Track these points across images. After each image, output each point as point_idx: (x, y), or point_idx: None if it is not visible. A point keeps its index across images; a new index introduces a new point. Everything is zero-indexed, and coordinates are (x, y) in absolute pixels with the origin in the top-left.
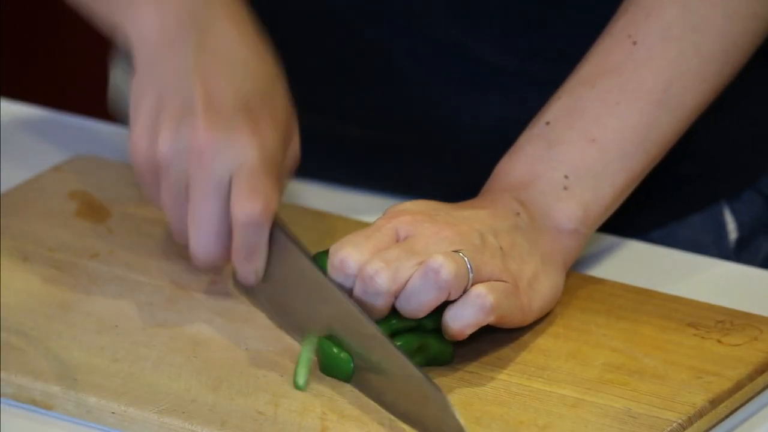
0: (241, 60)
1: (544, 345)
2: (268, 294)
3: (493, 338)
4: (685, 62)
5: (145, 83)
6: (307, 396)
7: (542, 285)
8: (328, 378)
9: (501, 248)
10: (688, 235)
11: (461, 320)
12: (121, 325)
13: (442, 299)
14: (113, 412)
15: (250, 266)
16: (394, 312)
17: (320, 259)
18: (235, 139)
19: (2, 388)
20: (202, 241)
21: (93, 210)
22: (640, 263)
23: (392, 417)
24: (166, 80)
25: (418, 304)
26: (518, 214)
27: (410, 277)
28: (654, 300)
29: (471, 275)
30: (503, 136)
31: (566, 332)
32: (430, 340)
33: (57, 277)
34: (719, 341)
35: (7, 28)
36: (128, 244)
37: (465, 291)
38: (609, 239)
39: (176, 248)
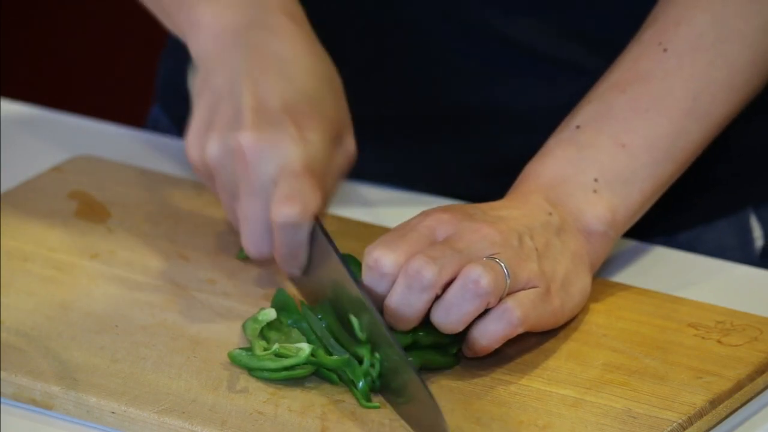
0: (292, 60)
1: (544, 345)
2: (310, 286)
3: None
4: (715, 72)
5: (202, 87)
6: (307, 396)
7: (574, 287)
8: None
9: (536, 249)
10: (714, 239)
11: (489, 336)
12: (121, 325)
13: (482, 309)
14: (113, 412)
15: (290, 263)
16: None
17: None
18: (279, 142)
19: (2, 388)
20: (250, 238)
21: (93, 210)
22: (640, 264)
23: (392, 417)
24: (220, 84)
25: (458, 315)
26: (550, 213)
27: (448, 289)
28: (654, 300)
29: (508, 281)
30: (534, 123)
31: (566, 332)
32: (431, 356)
33: (57, 277)
34: (719, 341)
35: (7, 28)
36: (128, 244)
37: (501, 299)
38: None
39: (176, 248)
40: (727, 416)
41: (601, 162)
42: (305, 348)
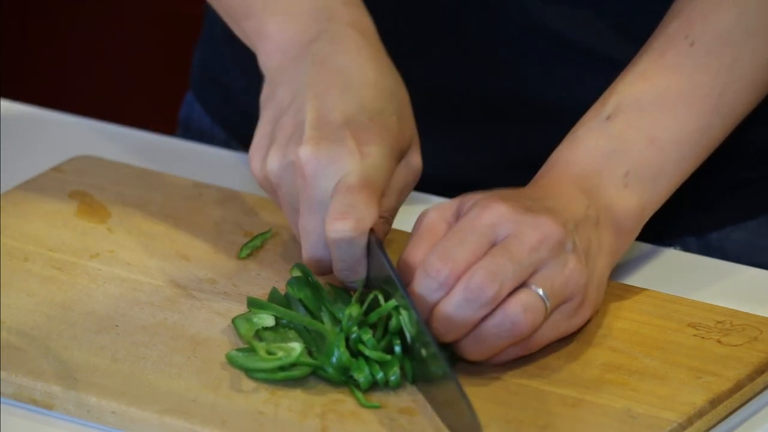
0: (357, 74)
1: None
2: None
3: None
4: (740, 69)
5: (268, 100)
6: (307, 396)
7: (603, 287)
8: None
9: (583, 250)
10: (745, 239)
11: (504, 356)
12: (121, 325)
13: (515, 343)
14: (113, 412)
15: (349, 278)
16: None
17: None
18: (337, 157)
19: (2, 388)
20: (310, 252)
21: (93, 210)
22: (640, 264)
23: (392, 417)
24: (284, 98)
25: (490, 349)
26: (588, 207)
27: (484, 322)
28: (654, 300)
29: (548, 306)
30: (568, 115)
31: None
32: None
33: (57, 277)
34: (719, 341)
35: (7, 28)
36: (128, 244)
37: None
38: None
39: (176, 248)
40: (726, 416)
41: (632, 156)
42: (297, 347)
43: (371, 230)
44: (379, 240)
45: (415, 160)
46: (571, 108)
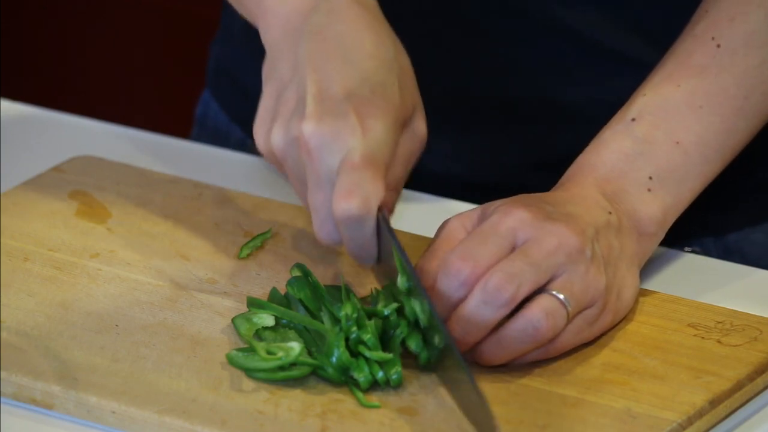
0: (355, 44)
1: None
2: (387, 275)
3: None
4: (766, 70)
5: (269, 74)
6: (307, 396)
7: (628, 293)
8: (327, 378)
9: (603, 257)
10: (763, 240)
11: (524, 359)
12: (121, 325)
13: (536, 348)
14: (113, 412)
15: (360, 255)
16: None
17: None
18: (339, 133)
19: (2, 387)
20: (320, 227)
21: (93, 210)
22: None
23: (392, 417)
24: (285, 71)
25: (510, 352)
26: (610, 212)
27: (505, 327)
28: (654, 300)
29: (569, 310)
30: (590, 117)
31: None
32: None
33: (57, 277)
34: (719, 341)
35: (7, 28)
36: (128, 244)
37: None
38: None
39: (176, 248)
40: (726, 416)
41: (657, 159)
42: (295, 347)
43: (379, 208)
44: (386, 218)
45: (419, 127)
46: (591, 109)
